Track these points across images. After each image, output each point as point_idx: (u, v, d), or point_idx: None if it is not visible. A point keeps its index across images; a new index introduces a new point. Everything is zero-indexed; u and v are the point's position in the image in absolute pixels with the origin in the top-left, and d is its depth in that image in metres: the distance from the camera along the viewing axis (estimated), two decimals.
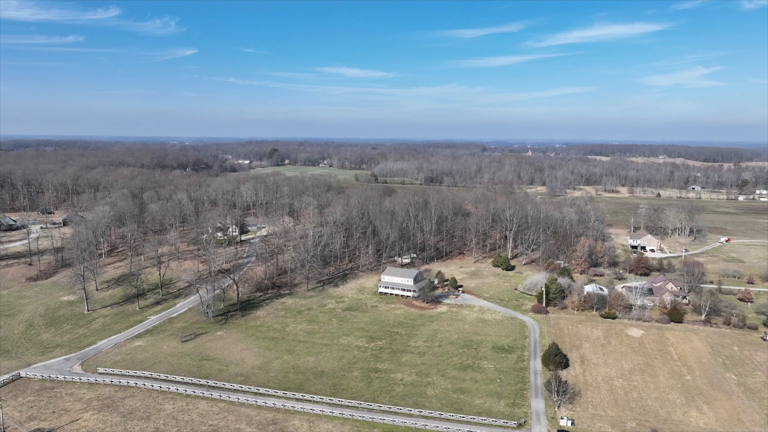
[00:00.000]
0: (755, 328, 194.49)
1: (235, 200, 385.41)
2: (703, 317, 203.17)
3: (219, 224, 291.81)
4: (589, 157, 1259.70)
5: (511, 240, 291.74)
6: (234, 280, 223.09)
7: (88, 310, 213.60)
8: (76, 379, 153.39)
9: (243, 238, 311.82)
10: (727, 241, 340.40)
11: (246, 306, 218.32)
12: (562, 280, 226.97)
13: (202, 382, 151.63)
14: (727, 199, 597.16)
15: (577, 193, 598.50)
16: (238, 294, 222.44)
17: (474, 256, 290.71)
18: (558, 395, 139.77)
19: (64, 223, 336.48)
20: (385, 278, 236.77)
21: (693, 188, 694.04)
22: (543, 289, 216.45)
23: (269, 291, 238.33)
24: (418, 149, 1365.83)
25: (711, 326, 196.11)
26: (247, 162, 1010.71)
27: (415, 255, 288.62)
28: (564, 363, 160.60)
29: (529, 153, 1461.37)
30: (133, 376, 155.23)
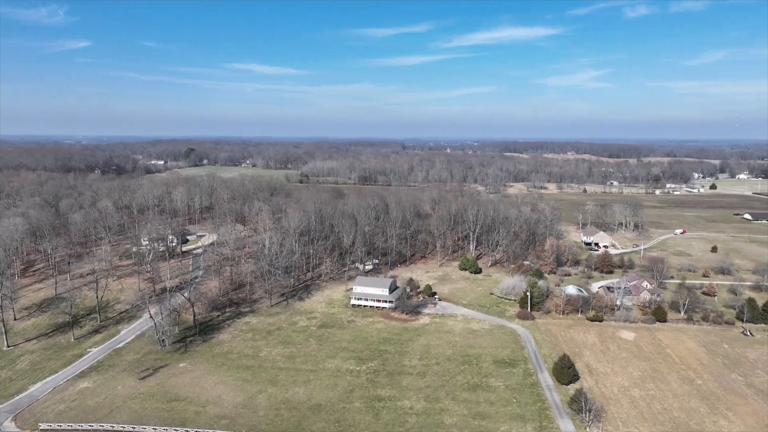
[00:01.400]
0: (732, 324, 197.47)
1: (164, 206, 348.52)
2: (682, 315, 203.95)
3: (156, 234, 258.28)
4: (508, 154, 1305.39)
5: (474, 241, 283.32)
6: (188, 299, 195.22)
7: (9, 346, 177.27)
8: None
9: (184, 248, 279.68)
10: (682, 233, 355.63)
11: (205, 329, 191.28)
12: (542, 283, 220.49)
13: (180, 431, 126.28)
14: (646, 193, 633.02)
15: (510, 191, 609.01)
16: (194, 316, 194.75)
17: (438, 260, 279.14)
18: (587, 414, 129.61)
19: None
20: (358, 289, 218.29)
21: (611, 183, 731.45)
22: (526, 293, 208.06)
23: (227, 309, 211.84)
24: (340, 147, 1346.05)
25: (694, 324, 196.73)
26: (162, 162, 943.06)
27: (377, 261, 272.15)
28: (575, 375, 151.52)
29: (448, 151, 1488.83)
30: (88, 431, 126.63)
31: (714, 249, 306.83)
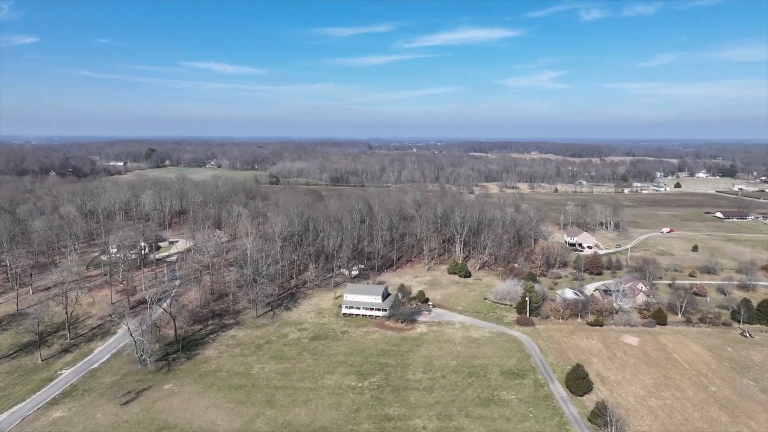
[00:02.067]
0: (730, 325, 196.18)
1: (132, 210, 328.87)
2: (680, 317, 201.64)
3: (127, 241, 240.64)
4: (473, 154, 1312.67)
5: (461, 244, 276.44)
6: (169, 312, 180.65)
7: None
8: None
9: (157, 256, 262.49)
10: (669, 232, 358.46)
11: (188, 344, 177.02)
12: (537, 287, 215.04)
13: None
14: (615, 192, 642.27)
15: (482, 190, 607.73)
16: (175, 330, 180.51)
17: (426, 264, 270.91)
18: (611, 428, 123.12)
19: None
20: (349, 297, 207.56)
21: (580, 183, 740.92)
22: (524, 299, 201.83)
23: (210, 322, 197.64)
24: (306, 148, 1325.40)
25: (693, 326, 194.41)
26: (122, 164, 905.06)
27: (362, 266, 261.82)
28: (590, 386, 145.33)
29: (414, 150, 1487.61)
30: None
31: (695, 248, 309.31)
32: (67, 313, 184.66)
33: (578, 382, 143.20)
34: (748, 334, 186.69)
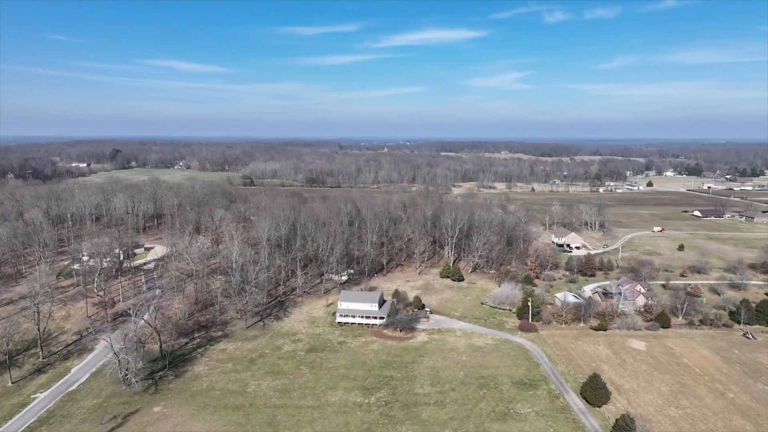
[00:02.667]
0: (731, 326, 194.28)
1: (103, 215, 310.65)
2: (680, 319, 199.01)
3: (102, 248, 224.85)
4: (445, 153, 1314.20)
5: (453, 247, 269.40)
6: (154, 327, 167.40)
7: None
8: None
9: (133, 263, 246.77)
10: (661, 231, 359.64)
11: (175, 360, 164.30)
12: (537, 291, 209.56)
13: None
14: (591, 191, 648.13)
15: (459, 190, 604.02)
16: (161, 345, 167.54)
17: (417, 267, 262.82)
18: None
19: None
20: (343, 305, 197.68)
21: (555, 182, 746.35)
22: (527, 303, 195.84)
23: (196, 334, 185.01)
24: (276, 147, 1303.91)
25: (696, 329, 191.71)
26: (85, 165, 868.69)
27: (352, 270, 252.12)
28: (608, 396, 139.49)
29: (386, 150, 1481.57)
30: None
31: (681, 247, 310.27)
32: (39, 329, 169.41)
33: (597, 392, 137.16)
34: (751, 336, 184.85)
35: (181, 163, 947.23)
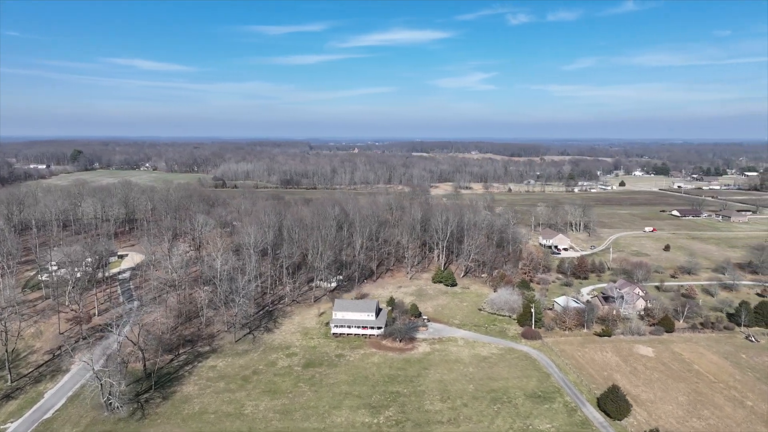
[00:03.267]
0: (732, 329, 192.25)
1: (71, 221, 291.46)
2: (681, 322, 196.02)
3: (75, 256, 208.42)
4: (416, 154, 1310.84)
5: (444, 250, 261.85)
6: (138, 345, 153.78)
7: None
8: None
9: (107, 272, 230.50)
10: (652, 231, 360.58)
11: (161, 380, 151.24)
12: (537, 296, 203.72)
13: None
14: (566, 191, 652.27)
15: (437, 191, 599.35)
16: (144, 363, 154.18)
17: (408, 273, 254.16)
18: None
19: None
20: (338, 315, 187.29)
21: (529, 182, 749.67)
22: (529, 310, 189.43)
23: (181, 350, 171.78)
24: (245, 148, 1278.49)
25: (699, 332, 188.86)
26: (44, 166, 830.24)
27: (341, 277, 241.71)
28: (628, 409, 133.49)
29: (356, 150, 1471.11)
30: None
31: (667, 248, 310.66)
32: (6, 350, 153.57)
33: (618, 405, 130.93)
34: (754, 339, 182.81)
35: (147, 165, 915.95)
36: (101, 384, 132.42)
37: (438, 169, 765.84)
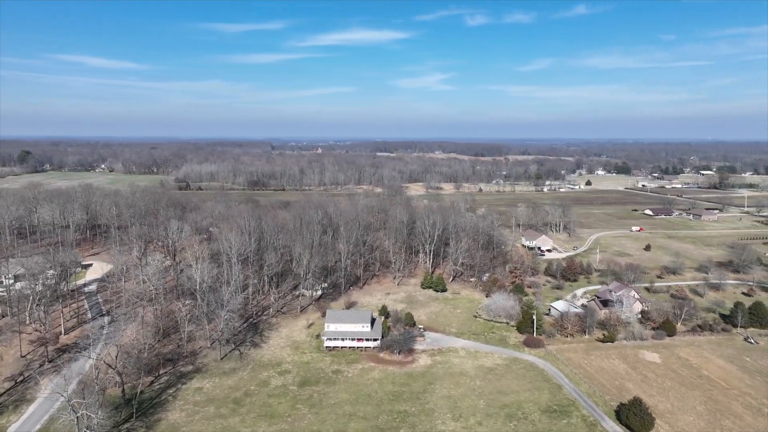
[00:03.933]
0: (729, 331, 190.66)
1: (25, 228, 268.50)
2: (679, 324, 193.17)
3: (32, 269, 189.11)
4: (380, 154, 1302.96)
5: (430, 255, 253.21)
6: (116, 369, 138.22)
7: None
8: None
9: (71, 284, 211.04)
10: (639, 230, 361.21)
11: (143, 406, 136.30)
12: (536, 302, 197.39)
13: None
14: (536, 191, 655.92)
15: (409, 192, 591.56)
16: (123, 389, 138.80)
17: (395, 278, 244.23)
18: None
19: None
20: (331, 327, 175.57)
21: (498, 182, 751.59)
22: (530, 318, 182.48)
23: (162, 370, 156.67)
24: (205, 148, 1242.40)
25: (699, 335, 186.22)
26: None
27: (326, 284, 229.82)
28: (651, 422, 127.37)
29: (319, 150, 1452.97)
30: None
31: (648, 248, 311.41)
32: None
33: (642, 418, 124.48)
34: (753, 341, 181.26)
35: (103, 166, 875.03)
36: (77, 418, 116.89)
37: (407, 169, 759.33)
